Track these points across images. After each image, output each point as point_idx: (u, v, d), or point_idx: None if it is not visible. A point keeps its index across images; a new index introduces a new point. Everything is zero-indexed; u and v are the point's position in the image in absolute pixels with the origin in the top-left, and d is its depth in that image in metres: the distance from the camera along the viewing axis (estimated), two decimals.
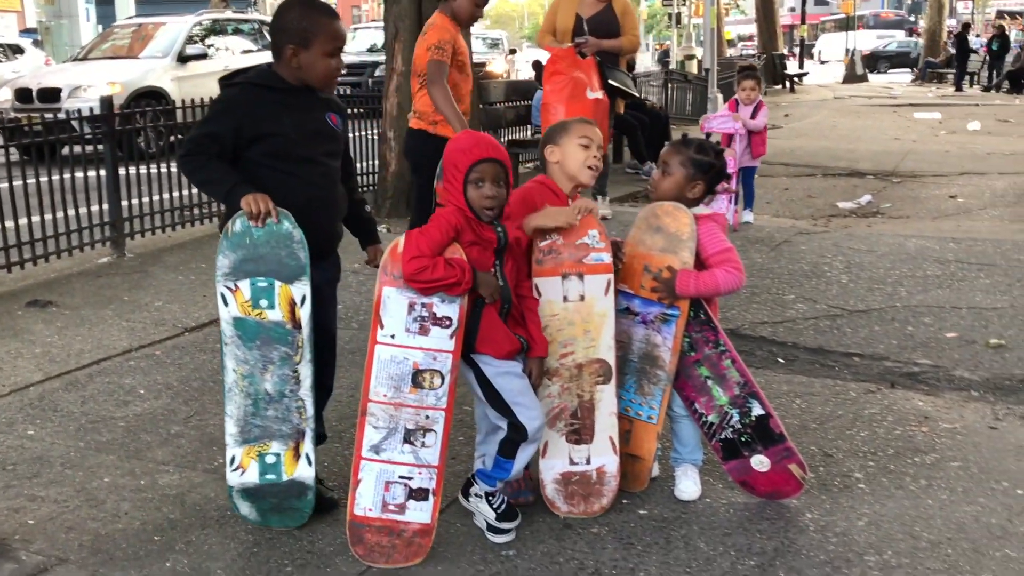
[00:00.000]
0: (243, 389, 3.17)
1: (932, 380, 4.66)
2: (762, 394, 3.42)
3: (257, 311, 3.13)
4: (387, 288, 3.01)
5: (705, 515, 3.37)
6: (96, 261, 7.03)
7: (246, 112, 3.16)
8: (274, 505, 3.25)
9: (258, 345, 3.15)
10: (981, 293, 6.01)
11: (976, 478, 3.62)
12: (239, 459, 3.22)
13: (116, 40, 15.65)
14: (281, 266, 3.12)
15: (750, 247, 7.19)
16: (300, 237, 3.11)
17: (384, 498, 3.06)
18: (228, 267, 3.12)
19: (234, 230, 3.10)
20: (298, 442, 3.22)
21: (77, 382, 4.67)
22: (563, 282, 3.26)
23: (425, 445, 3.04)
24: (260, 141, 3.16)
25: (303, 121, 3.22)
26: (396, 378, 3.02)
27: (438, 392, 3.02)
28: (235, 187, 3.09)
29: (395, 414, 3.03)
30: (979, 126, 17.15)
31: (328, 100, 3.35)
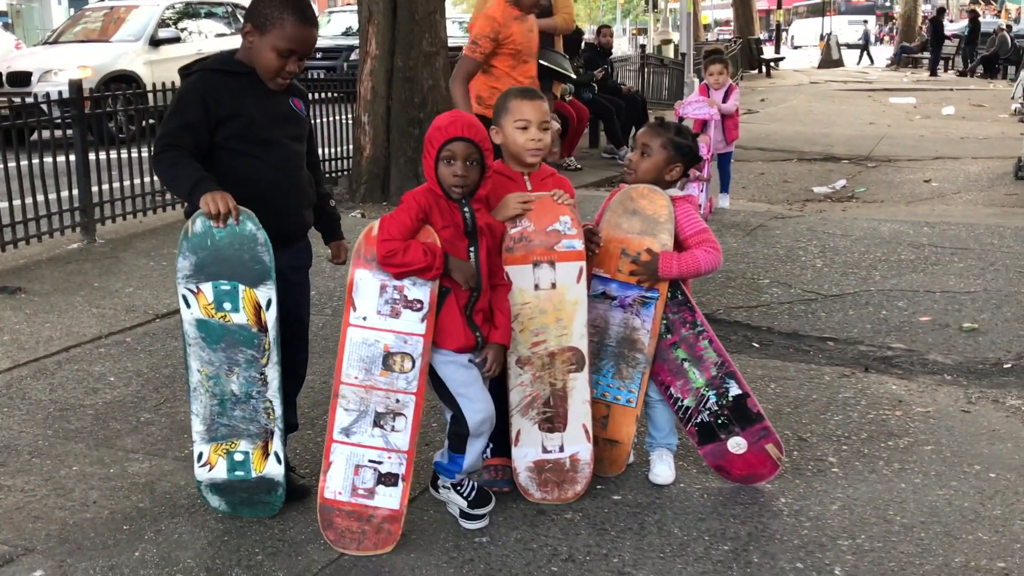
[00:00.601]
0: (208, 389, 3.12)
1: (906, 364, 4.68)
2: (739, 374, 3.42)
3: (221, 314, 3.06)
4: (360, 270, 2.98)
5: (679, 500, 3.36)
6: (66, 247, 6.94)
7: (210, 96, 3.08)
8: (244, 499, 3.21)
9: (223, 347, 3.09)
10: (955, 277, 6.03)
11: (949, 462, 3.63)
12: (207, 455, 3.18)
13: (87, 23, 15.45)
14: (245, 269, 3.03)
15: (725, 231, 7.19)
16: (264, 239, 3.02)
17: (354, 482, 3.03)
18: (189, 269, 3.04)
19: (194, 230, 3.00)
20: (267, 441, 3.17)
21: (46, 369, 4.61)
22: (534, 270, 3.22)
23: (395, 429, 3.01)
24: (224, 124, 3.10)
25: (266, 104, 3.16)
26: (367, 360, 2.99)
27: (408, 376, 2.98)
28: (197, 184, 2.98)
29: (365, 396, 3.00)
30: (953, 111, 17.25)
31: (291, 84, 3.27)
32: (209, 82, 3.14)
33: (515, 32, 5.32)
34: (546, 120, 3.29)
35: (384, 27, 8.45)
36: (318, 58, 19.22)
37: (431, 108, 8.56)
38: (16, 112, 6.88)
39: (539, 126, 3.26)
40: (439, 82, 8.64)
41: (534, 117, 3.26)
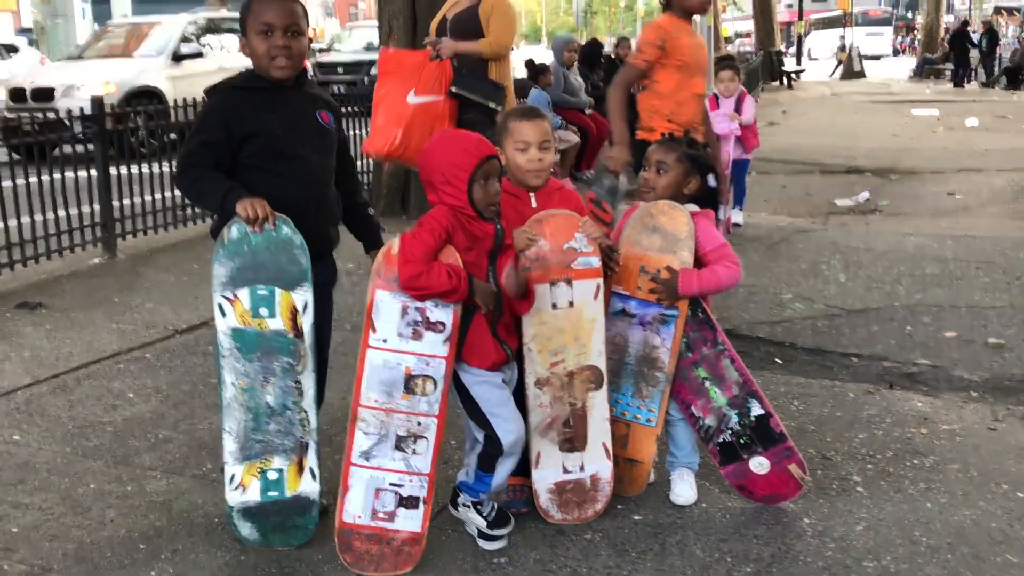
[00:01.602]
0: (243, 403, 3.10)
1: (931, 381, 4.61)
2: (761, 393, 3.37)
3: (257, 320, 3.05)
4: (380, 291, 2.94)
5: (701, 520, 3.32)
6: (87, 262, 6.97)
7: (232, 115, 3.09)
8: (277, 524, 3.17)
9: (258, 356, 3.07)
10: (980, 292, 5.95)
11: (976, 481, 3.56)
12: (239, 477, 3.14)
13: (111, 39, 15.58)
14: (281, 272, 3.04)
15: (747, 245, 7.14)
16: (300, 242, 3.04)
17: (374, 506, 3.00)
18: (226, 276, 3.03)
19: (230, 237, 3.01)
20: (301, 456, 3.14)
21: (65, 386, 4.61)
22: (552, 289, 3.17)
23: (416, 452, 2.97)
24: (248, 142, 3.09)
25: (290, 118, 3.14)
26: (388, 383, 2.95)
27: (431, 399, 2.95)
28: (229, 193, 3.00)
29: (386, 420, 2.97)
30: (977, 122, 17.10)
31: (318, 97, 3.28)
32: (231, 100, 3.14)
33: (684, 45, 4.96)
34: (546, 140, 3.22)
35: (404, 43, 8.45)
36: (340, 73, 19.33)
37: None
38: (39, 127, 6.92)
39: (539, 146, 3.20)
40: None
41: (533, 138, 3.20)
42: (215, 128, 3.09)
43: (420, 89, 5.91)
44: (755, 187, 10.59)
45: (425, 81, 5.90)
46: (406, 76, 5.86)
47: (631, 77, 4.97)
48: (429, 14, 8.36)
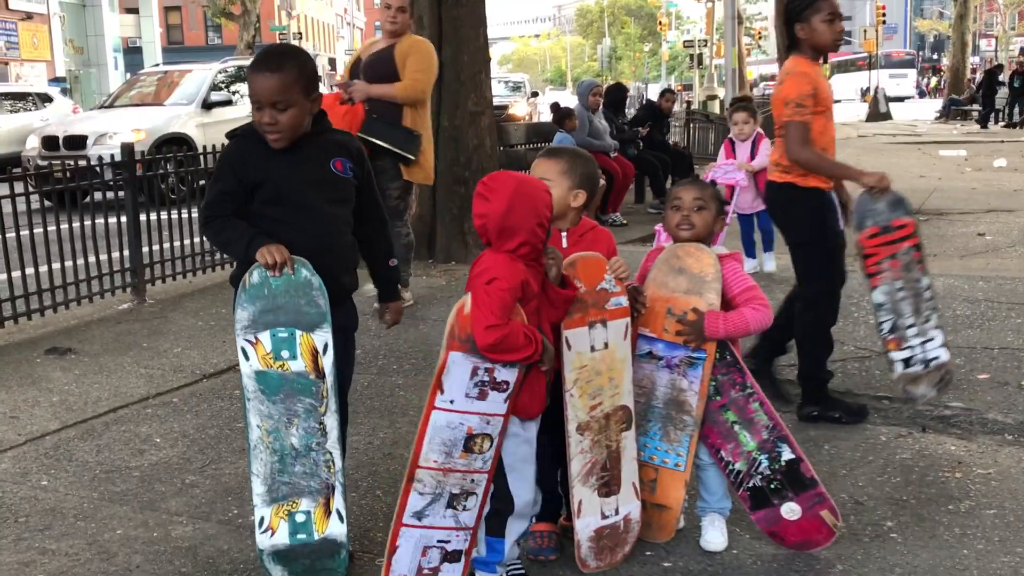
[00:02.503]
0: (268, 445, 3.10)
1: (964, 424, 4.54)
2: (791, 437, 3.32)
3: (279, 363, 3.07)
4: (454, 353, 2.82)
5: (732, 567, 3.26)
6: (116, 307, 7.02)
7: (239, 164, 3.15)
8: (307, 567, 3.15)
9: (281, 398, 3.08)
10: (1012, 333, 5.87)
11: (1013, 527, 3.49)
12: (268, 520, 3.13)
13: (142, 88, 15.84)
14: (301, 315, 3.06)
15: (775, 287, 7.08)
16: (319, 284, 3.06)
17: (420, 562, 2.94)
18: (247, 320, 3.07)
19: (251, 282, 3.05)
20: (328, 497, 3.13)
21: (93, 431, 4.63)
22: (590, 331, 3.14)
23: (466, 508, 2.92)
24: (257, 190, 3.15)
25: (297, 168, 3.16)
26: (448, 444, 2.87)
27: (486, 456, 2.89)
28: (252, 241, 3.07)
29: (443, 480, 2.89)
30: (1005, 163, 17.00)
31: (335, 143, 3.29)
32: (238, 150, 3.20)
33: (823, 87, 4.58)
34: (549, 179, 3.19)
35: None
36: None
37: (476, 167, 8.60)
38: (71, 175, 7.01)
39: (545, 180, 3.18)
40: (484, 141, 8.69)
41: (552, 176, 3.22)
42: (228, 177, 3.17)
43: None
44: None
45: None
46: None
47: (805, 135, 4.48)
48: (454, 61, 8.48)
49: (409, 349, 5.73)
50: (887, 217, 4.50)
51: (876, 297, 4.55)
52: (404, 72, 6.13)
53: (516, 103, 22.22)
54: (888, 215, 4.48)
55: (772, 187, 4.72)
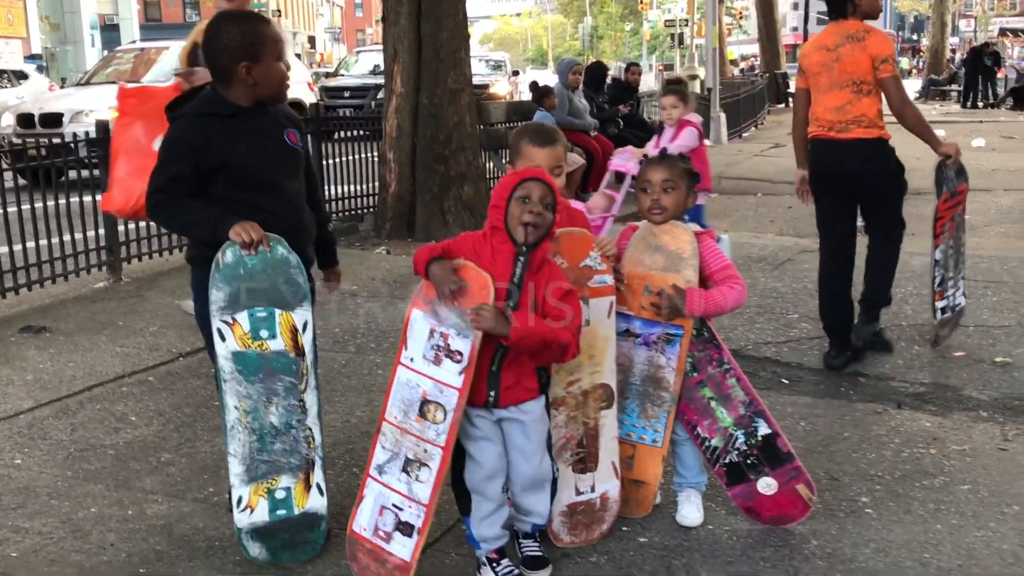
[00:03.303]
0: (247, 425, 3.08)
1: (939, 400, 4.56)
2: (768, 412, 3.33)
3: (258, 343, 3.05)
4: (416, 311, 2.92)
5: (707, 543, 3.27)
6: (92, 286, 6.96)
7: (200, 145, 3.06)
8: (286, 541, 3.15)
9: (261, 378, 3.07)
10: (988, 311, 5.91)
11: (986, 502, 3.51)
12: (247, 499, 3.12)
13: (119, 65, 15.64)
14: (280, 293, 3.04)
15: (753, 266, 7.11)
16: (296, 262, 3.04)
17: (377, 522, 2.98)
18: (224, 300, 3.03)
19: (225, 261, 3.01)
20: (308, 472, 3.14)
21: (68, 409, 4.59)
22: None
23: (419, 480, 2.92)
24: (219, 172, 3.07)
25: (260, 145, 3.13)
26: (406, 403, 2.93)
27: (439, 428, 2.89)
28: (220, 219, 3.00)
29: (400, 439, 2.94)
30: (984, 143, 17.06)
31: (284, 117, 3.26)
32: (198, 130, 3.10)
33: None
34: (558, 166, 3.22)
35: (409, 65, 8.48)
36: (346, 97, 19.42)
37: (456, 145, 8.58)
38: (46, 152, 6.92)
39: (550, 171, 3.16)
40: (464, 118, 8.66)
41: (546, 164, 3.18)
42: (184, 161, 3.06)
43: None
44: (760, 208, 10.59)
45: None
46: (151, 118, 4.77)
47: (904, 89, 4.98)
48: (434, 37, 8.43)
49: (387, 328, 5.71)
50: (955, 184, 5.17)
51: (936, 255, 5.16)
52: None
53: (497, 82, 22.07)
54: (955, 182, 5.15)
55: (860, 144, 4.89)
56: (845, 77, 4.84)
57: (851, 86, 4.83)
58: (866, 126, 4.86)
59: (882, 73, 4.80)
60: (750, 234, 8.92)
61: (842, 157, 4.94)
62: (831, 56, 4.89)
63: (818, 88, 4.97)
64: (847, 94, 4.84)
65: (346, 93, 19.66)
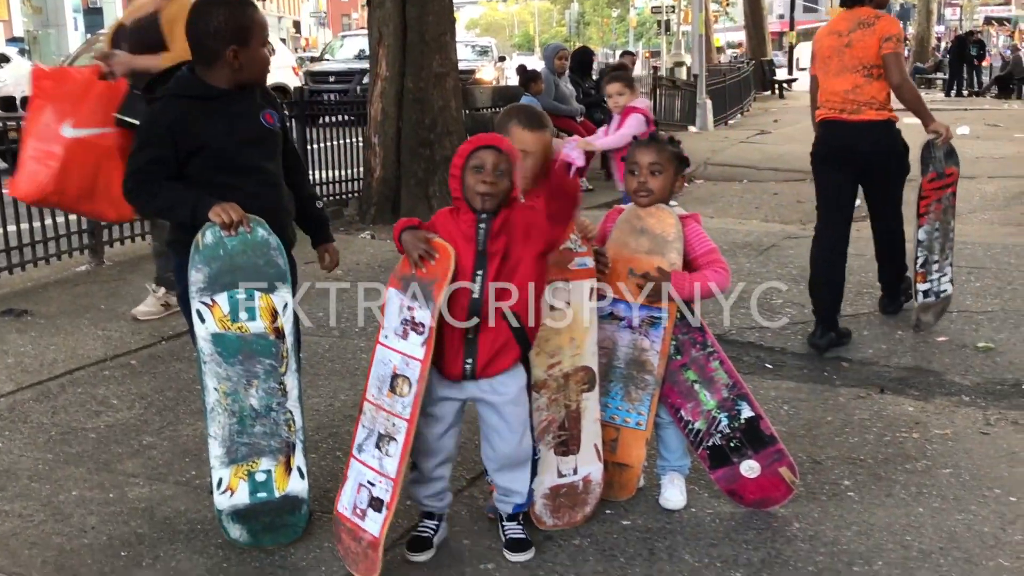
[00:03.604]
0: (227, 407, 3.06)
1: (922, 385, 4.58)
2: (751, 395, 3.33)
3: (237, 325, 3.03)
4: (391, 289, 2.94)
5: (690, 525, 3.28)
6: (74, 269, 6.92)
7: (180, 128, 3.04)
8: (267, 524, 3.13)
9: (240, 360, 3.05)
10: (971, 297, 5.93)
11: (968, 485, 3.53)
12: (227, 481, 3.10)
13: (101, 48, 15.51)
14: (260, 275, 3.02)
15: (738, 251, 7.11)
16: (277, 243, 3.03)
17: (355, 500, 2.98)
18: (203, 281, 3.01)
19: (205, 242, 2.99)
20: (288, 455, 3.12)
21: (49, 392, 4.56)
22: (552, 291, 3.12)
23: (388, 454, 2.92)
24: (196, 156, 3.06)
25: (238, 127, 3.12)
26: (381, 379, 2.95)
27: (404, 400, 2.89)
28: (200, 201, 2.99)
29: (376, 416, 2.95)
30: (968, 130, 17.12)
31: (261, 98, 3.24)
32: (177, 112, 3.08)
33: None
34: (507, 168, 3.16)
35: (394, 49, 8.44)
36: (331, 81, 19.32)
37: (441, 129, 8.55)
38: None
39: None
40: (449, 103, 8.63)
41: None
42: (162, 143, 3.04)
43: (80, 119, 4.67)
44: (746, 194, 10.60)
45: (88, 108, 4.68)
46: (63, 102, 4.65)
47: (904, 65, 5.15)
48: (419, 21, 8.39)
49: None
50: (943, 165, 5.19)
51: (919, 235, 5.18)
52: (173, 40, 5.15)
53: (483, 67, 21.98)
54: (944, 163, 5.18)
55: (870, 126, 5.05)
56: (856, 62, 5.00)
57: (862, 70, 4.99)
58: (877, 108, 5.03)
59: (884, 49, 4.95)
60: (735, 220, 8.93)
61: (854, 138, 5.08)
62: (842, 41, 5.04)
63: (828, 72, 5.12)
64: (857, 78, 5.01)
65: (331, 78, 19.57)
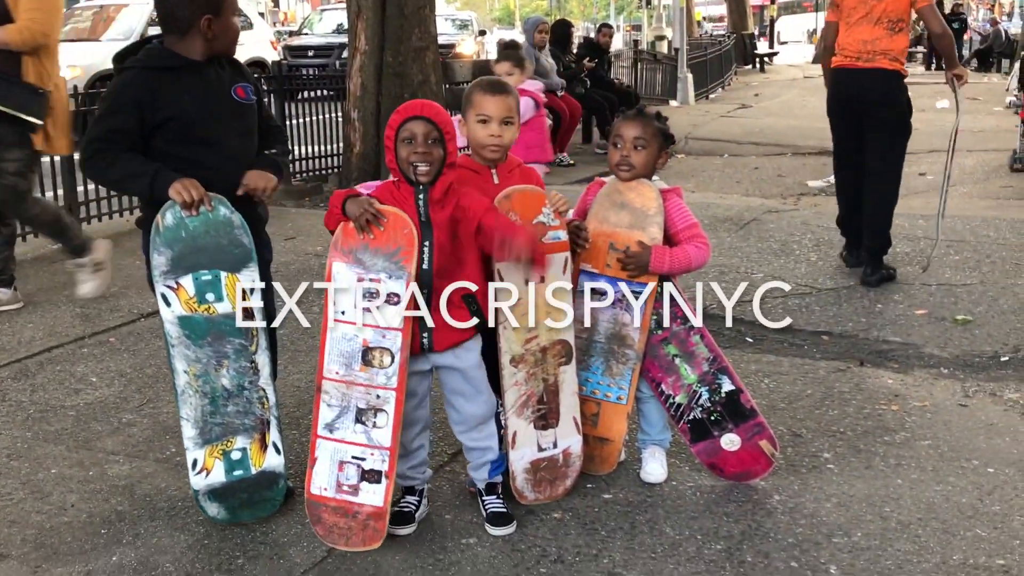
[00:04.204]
0: (198, 389, 3.04)
1: (901, 358, 4.61)
2: (732, 369, 3.34)
3: (204, 307, 2.99)
4: (336, 263, 2.89)
5: (671, 498, 3.29)
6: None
7: (147, 100, 2.99)
8: (244, 500, 3.13)
9: (209, 341, 3.02)
10: (951, 270, 5.96)
11: (946, 457, 3.56)
12: (202, 461, 3.09)
13: (78, 22, 15.32)
14: (224, 255, 2.98)
15: (719, 226, 7.12)
16: (240, 222, 2.97)
17: (338, 478, 2.96)
18: (166, 264, 2.97)
19: (166, 224, 2.94)
20: (263, 432, 3.11)
21: (27, 371, 4.53)
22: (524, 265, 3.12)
23: (377, 426, 2.92)
24: (161, 128, 3.01)
25: (205, 99, 3.07)
26: (347, 355, 2.91)
27: (388, 372, 2.89)
28: (158, 175, 2.93)
29: (347, 392, 2.93)
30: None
31: (233, 71, 3.19)
32: (145, 83, 3.03)
33: None
34: (510, 116, 3.15)
35: (373, 22, 8.37)
36: (310, 56, 19.17)
37: None
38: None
39: (500, 121, 3.12)
40: (429, 77, 8.58)
41: (495, 112, 3.12)
42: (128, 113, 3.00)
43: None
44: (727, 169, 10.61)
45: None
46: None
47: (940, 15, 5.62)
48: None
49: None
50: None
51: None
52: (17, 10, 4.86)
53: (463, 41, 21.87)
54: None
55: (881, 73, 5.48)
56: (883, 14, 5.40)
57: (887, 24, 5.41)
58: (891, 59, 5.44)
59: (921, 2, 5.34)
60: (716, 195, 8.94)
61: (864, 85, 5.51)
62: None
63: (849, 22, 5.51)
64: (880, 30, 5.42)
65: (310, 52, 19.41)
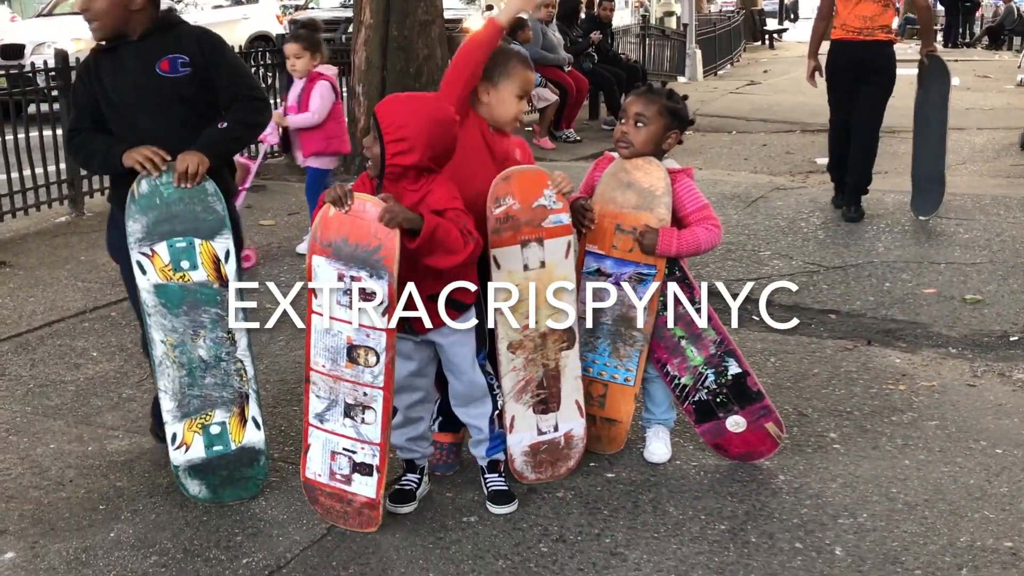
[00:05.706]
0: (175, 360, 3.02)
1: (910, 337, 4.56)
2: (739, 352, 3.30)
3: (179, 275, 2.97)
4: (316, 257, 2.80)
5: (675, 478, 3.26)
6: (54, 220, 6.82)
7: (84, 79, 3.12)
8: (225, 478, 3.10)
9: (185, 310, 3.00)
10: (960, 248, 5.90)
11: (954, 437, 3.52)
12: (181, 436, 3.07)
13: None
14: (199, 222, 2.97)
15: (726, 203, 7.05)
16: (214, 189, 2.97)
17: (331, 467, 2.93)
18: (141, 232, 2.95)
19: (141, 192, 2.94)
20: (243, 406, 3.09)
21: (28, 344, 4.50)
22: (523, 250, 3.04)
23: (365, 422, 2.87)
24: (103, 107, 3.09)
25: (122, 80, 3.07)
26: (332, 350, 2.84)
27: (374, 370, 2.82)
28: (110, 151, 2.98)
29: (334, 387, 2.87)
30: (959, 81, 16.98)
31: (162, 44, 3.07)
32: (85, 64, 3.16)
33: None
34: (527, 91, 3.15)
35: None
36: None
37: (427, 78, 8.41)
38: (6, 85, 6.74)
39: (522, 96, 3.11)
40: (434, 51, 8.49)
41: (528, 90, 3.13)
42: (80, 92, 3.14)
43: None
44: (735, 146, 10.52)
45: None
46: None
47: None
48: None
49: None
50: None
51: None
52: None
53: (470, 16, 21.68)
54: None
55: (880, 45, 6.56)
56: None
57: (882, 0, 6.38)
58: (886, 32, 6.54)
59: None
60: (724, 172, 8.87)
61: (866, 55, 6.54)
62: None
63: (851, 1, 6.44)
64: (877, 7, 6.41)
65: None
